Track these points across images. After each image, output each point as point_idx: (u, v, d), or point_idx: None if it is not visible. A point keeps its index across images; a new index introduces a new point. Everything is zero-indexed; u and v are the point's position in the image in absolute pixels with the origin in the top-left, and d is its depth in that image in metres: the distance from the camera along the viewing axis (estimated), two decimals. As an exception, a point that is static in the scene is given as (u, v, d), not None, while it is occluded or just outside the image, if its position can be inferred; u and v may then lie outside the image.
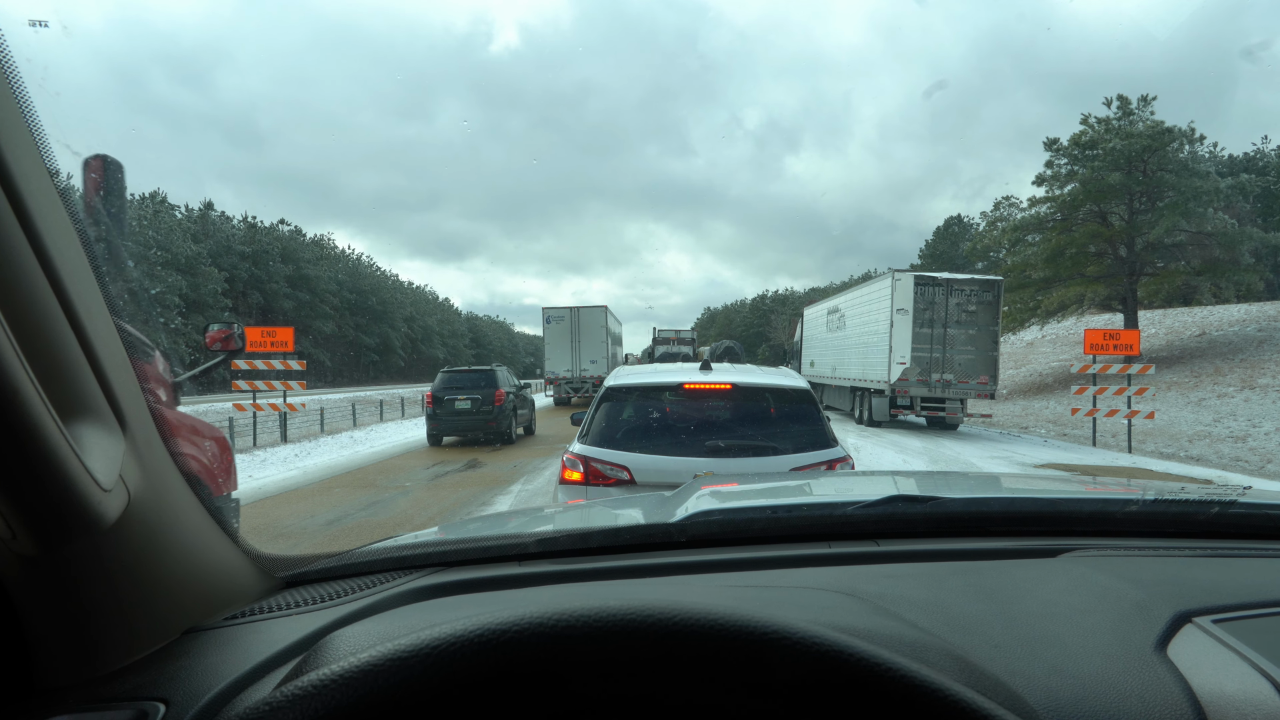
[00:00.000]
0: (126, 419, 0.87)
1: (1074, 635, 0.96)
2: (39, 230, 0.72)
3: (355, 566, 1.33)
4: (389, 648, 0.63)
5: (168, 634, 0.97)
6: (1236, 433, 18.80)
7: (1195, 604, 1.01)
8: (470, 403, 17.63)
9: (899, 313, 20.57)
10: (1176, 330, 35.89)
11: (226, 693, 0.88)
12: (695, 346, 40.54)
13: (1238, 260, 30.58)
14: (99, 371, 0.82)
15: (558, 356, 30.86)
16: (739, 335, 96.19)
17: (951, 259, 70.31)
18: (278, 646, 0.98)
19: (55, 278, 0.75)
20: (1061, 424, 23.05)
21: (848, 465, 4.88)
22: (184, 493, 1.02)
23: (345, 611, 1.11)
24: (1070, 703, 0.82)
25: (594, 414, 5.14)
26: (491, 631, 0.63)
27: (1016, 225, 34.97)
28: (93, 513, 0.78)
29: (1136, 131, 31.24)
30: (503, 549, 1.37)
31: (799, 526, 1.48)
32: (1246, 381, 23.32)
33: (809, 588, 1.14)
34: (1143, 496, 1.52)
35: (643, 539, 1.42)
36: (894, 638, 0.87)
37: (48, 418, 0.70)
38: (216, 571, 1.09)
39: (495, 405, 17.65)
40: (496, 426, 17.76)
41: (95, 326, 0.81)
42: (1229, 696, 0.82)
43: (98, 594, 0.87)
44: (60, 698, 0.85)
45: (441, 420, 17.94)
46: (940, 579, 1.18)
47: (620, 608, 0.65)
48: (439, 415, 17.92)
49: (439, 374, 18.76)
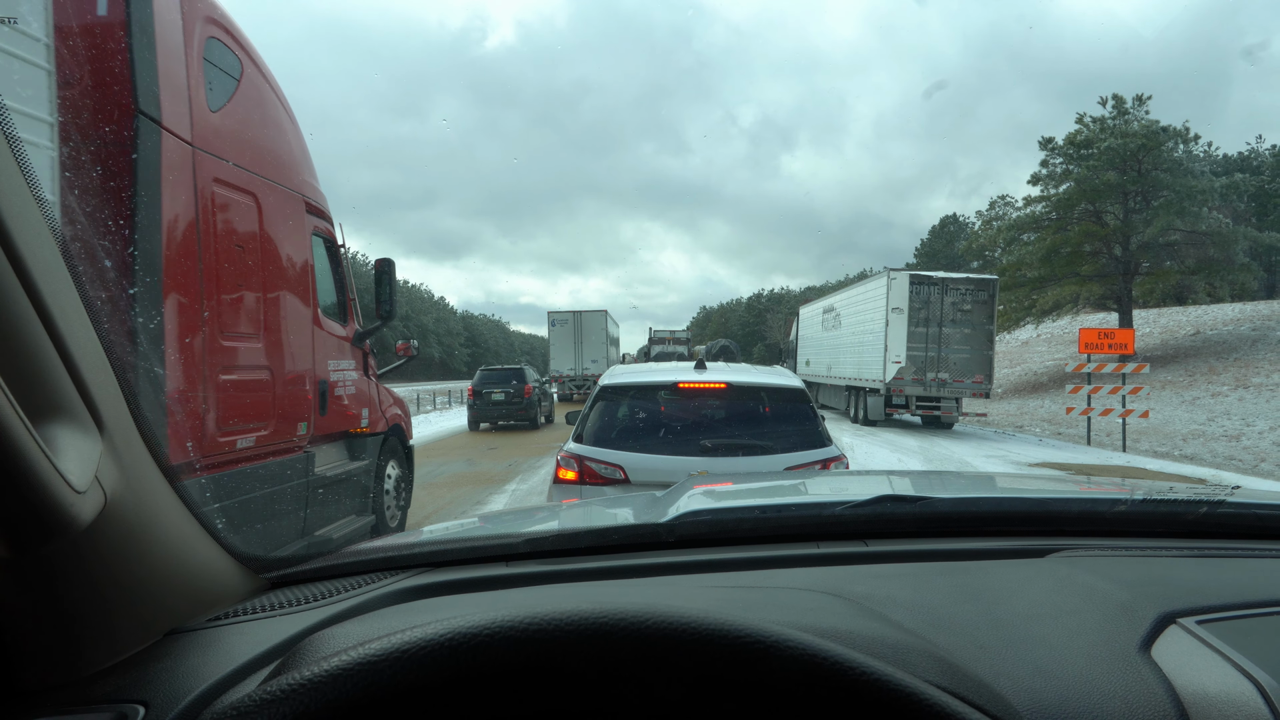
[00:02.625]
0: (104, 420, 0.87)
1: (1059, 636, 0.96)
2: (9, 230, 0.71)
3: (343, 567, 1.32)
4: (358, 652, 0.63)
5: (149, 636, 0.96)
6: (1230, 432, 18.86)
7: (1180, 604, 1.01)
8: (504, 395, 21.64)
9: (894, 312, 20.60)
10: (1171, 329, 35.99)
11: (207, 695, 0.87)
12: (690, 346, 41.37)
13: (1232, 259, 30.63)
14: (75, 373, 0.81)
15: (562, 356, 33.62)
16: (734, 334, 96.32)
17: (947, 258, 70.40)
18: (261, 648, 0.97)
19: (28, 279, 0.74)
20: (1057, 423, 23.11)
21: (842, 464, 4.89)
22: (166, 494, 1.01)
23: (330, 613, 1.11)
24: (1054, 704, 0.82)
25: (589, 413, 5.13)
26: (462, 635, 0.63)
27: (1012, 224, 35.03)
28: (66, 515, 0.77)
29: (1131, 131, 31.28)
30: (491, 549, 1.37)
31: (788, 526, 1.48)
32: (1240, 380, 23.39)
33: (795, 588, 1.14)
34: (1131, 496, 1.52)
35: (631, 539, 1.41)
36: (877, 639, 0.87)
37: (15, 419, 0.69)
38: (200, 573, 1.08)
39: (525, 397, 21.66)
40: (526, 414, 21.82)
41: (71, 328, 0.81)
42: (1211, 697, 0.82)
43: (77, 596, 0.87)
44: (41, 700, 0.84)
45: (480, 409, 21.93)
46: (927, 579, 1.18)
47: (593, 611, 0.65)
48: (478, 405, 21.91)
49: (478, 371, 22.90)
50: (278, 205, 5.30)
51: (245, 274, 4.87)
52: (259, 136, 5.17)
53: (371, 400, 7.03)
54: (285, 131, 5.67)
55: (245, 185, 4.89)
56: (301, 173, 5.85)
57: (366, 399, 6.91)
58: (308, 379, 5.76)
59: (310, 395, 5.77)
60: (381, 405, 7.28)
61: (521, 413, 21.77)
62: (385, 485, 7.27)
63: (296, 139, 5.89)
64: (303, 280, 5.68)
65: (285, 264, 5.43)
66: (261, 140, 5.19)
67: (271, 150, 5.32)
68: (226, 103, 4.80)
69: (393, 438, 7.56)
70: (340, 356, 6.38)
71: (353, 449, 6.70)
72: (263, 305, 5.07)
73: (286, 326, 5.39)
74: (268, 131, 5.34)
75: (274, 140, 5.40)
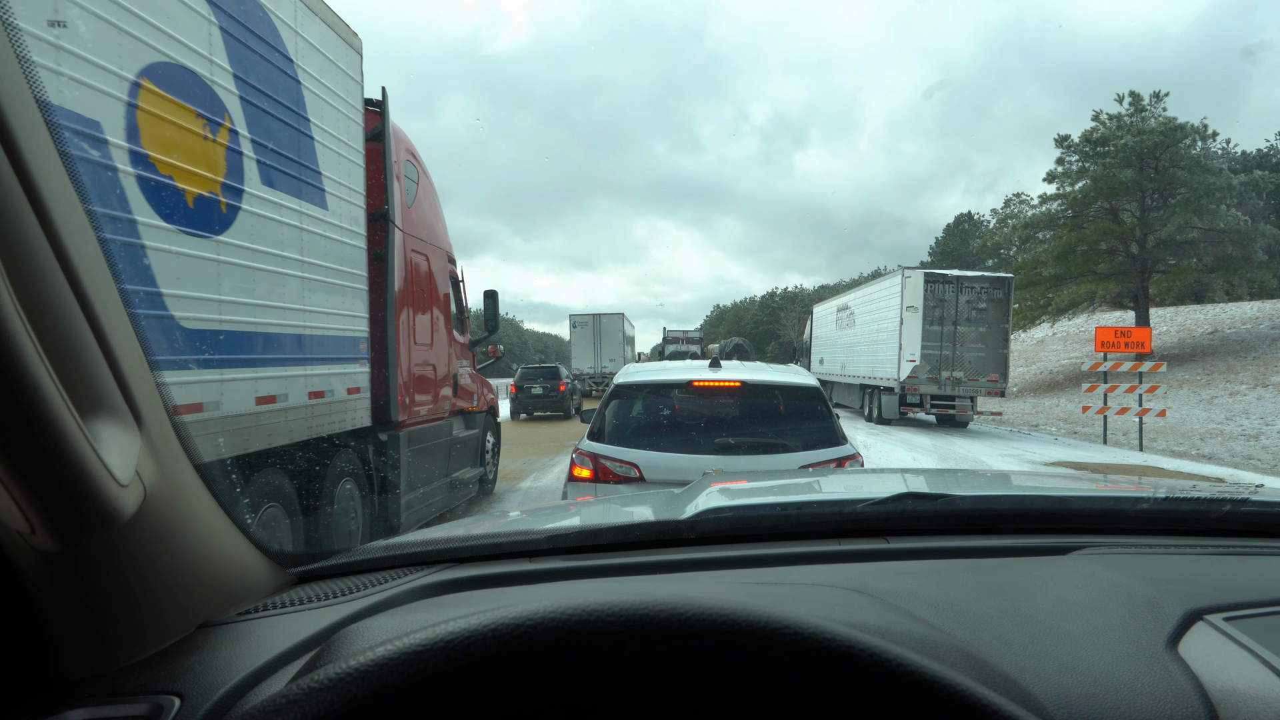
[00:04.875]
0: (142, 415, 0.88)
1: (1085, 632, 0.96)
2: (57, 229, 0.73)
3: (368, 562, 1.34)
4: (404, 642, 0.64)
5: (182, 628, 0.98)
6: (1249, 431, 18.67)
7: (1207, 602, 1.01)
8: (542, 389, 25.57)
9: (909, 310, 20.50)
10: (1188, 328, 35.62)
11: (240, 687, 0.88)
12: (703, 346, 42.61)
13: (1250, 257, 30.28)
14: (115, 368, 0.83)
15: (582, 355, 36.72)
16: (748, 332, 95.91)
17: (962, 256, 69.87)
18: (291, 641, 0.99)
19: (74, 277, 0.75)
20: (1072, 422, 22.93)
21: (857, 463, 4.87)
22: (198, 488, 1.02)
23: (358, 607, 1.12)
24: (1081, 700, 0.82)
25: (603, 411, 5.14)
26: (506, 625, 0.64)
27: (1027, 222, 34.73)
28: (110, 508, 0.79)
29: (1149, 128, 30.95)
30: (514, 545, 1.38)
31: (809, 524, 1.48)
32: (1259, 379, 23.14)
33: (819, 585, 1.14)
34: (1154, 494, 1.51)
35: (653, 535, 1.42)
36: (904, 634, 0.87)
37: (67, 414, 0.71)
38: (230, 567, 1.09)
39: (560, 391, 25.56)
40: (560, 405, 25.60)
41: (112, 324, 0.82)
42: (1240, 693, 0.82)
43: (114, 589, 0.88)
44: (76, 691, 0.86)
45: (522, 401, 25.85)
46: (950, 576, 1.18)
47: (633, 602, 0.66)
48: (520, 398, 25.83)
49: (519, 369, 27.16)
50: (436, 259, 8.30)
51: (424, 303, 7.79)
52: (427, 217, 8.18)
53: (478, 388, 10.01)
54: (437, 209, 8.72)
55: (423, 250, 7.81)
56: (444, 235, 8.87)
57: (476, 387, 9.89)
58: (448, 372, 8.59)
59: (449, 383, 8.62)
60: (483, 392, 10.23)
61: (557, 404, 25.65)
62: (486, 447, 10.24)
63: (440, 211, 8.85)
64: (447, 306, 8.68)
65: (440, 296, 8.39)
66: (428, 219, 8.19)
67: (431, 224, 8.32)
68: (413, 201, 7.68)
69: (489, 415, 10.49)
70: (462, 357, 9.33)
71: (469, 421, 9.48)
72: (430, 323, 7.97)
73: (440, 337, 8.28)
74: (430, 213, 8.34)
75: (432, 217, 8.42)
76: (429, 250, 7.98)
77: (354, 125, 6.36)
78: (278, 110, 5.11)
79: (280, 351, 5.15)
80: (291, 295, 5.29)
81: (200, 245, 4.24)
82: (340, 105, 6.11)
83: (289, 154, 5.27)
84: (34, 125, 0.72)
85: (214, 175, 4.37)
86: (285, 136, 5.20)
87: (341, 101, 6.14)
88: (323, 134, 5.77)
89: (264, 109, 4.92)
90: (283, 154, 5.17)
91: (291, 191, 5.28)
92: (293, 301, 5.30)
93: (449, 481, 8.47)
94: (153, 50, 3.90)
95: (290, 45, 5.31)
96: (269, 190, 4.96)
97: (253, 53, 4.81)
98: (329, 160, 5.88)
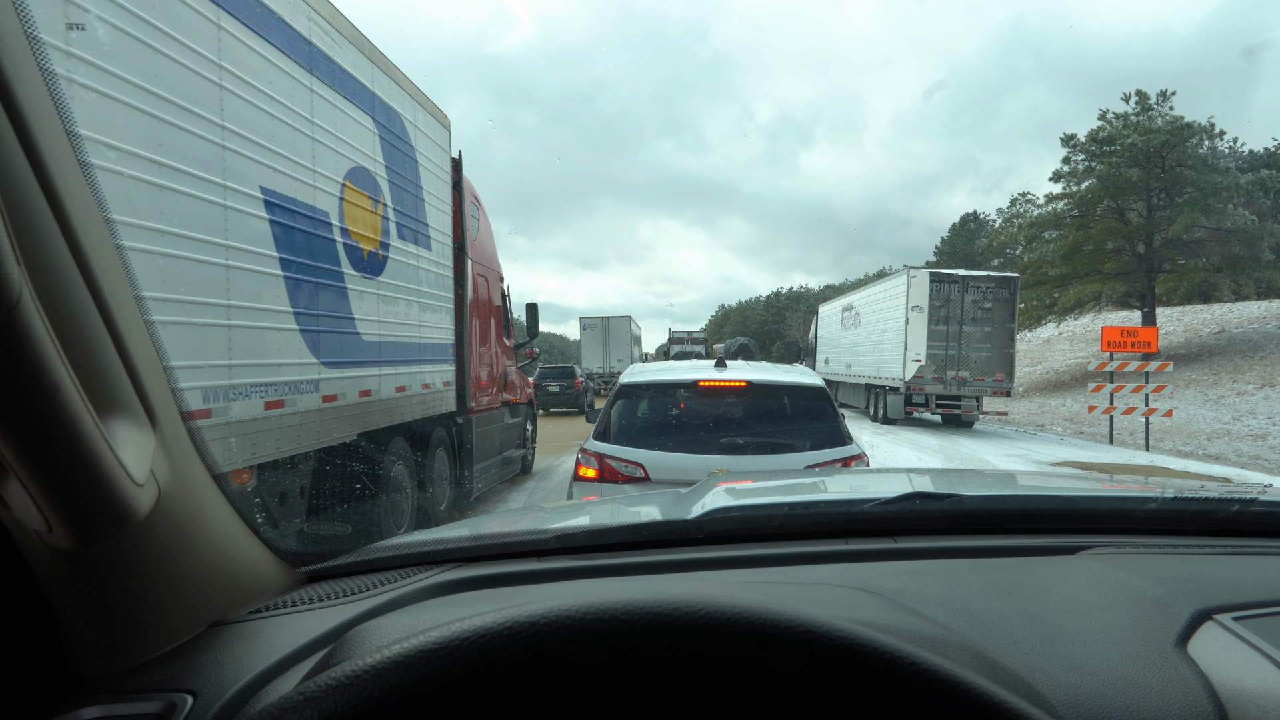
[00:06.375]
0: (156, 414, 0.89)
1: (1093, 632, 0.96)
2: (78, 238, 0.74)
3: (378, 561, 1.34)
4: (419, 640, 0.64)
5: (194, 627, 0.98)
6: (1256, 431, 18.60)
7: (1216, 601, 1.01)
8: (559, 387, 27.66)
9: (914, 310, 20.45)
10: (1195, 327, 35.47)
11: (253, 685, 0.89)
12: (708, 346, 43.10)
13: (1258, 257, 30.12)
14: (131, 368, 0.83)
15: (591, 356, 38.46)
16: (753, 332, 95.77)
17: (967, 256, 69.63)
18: (303, 640, 0.99)
19: (91, 278, 0.76)
20: (1078, 422, 22.87)
21: (863, 463, 4.86)
22: (210, 488, 1.03)
23: (369, 606, 1.13)
24: (1090, 699, 0.82)
25: (609, 411, 5.14)
26: (521, 624, 0.64)
27: (1033, 222, 34.61)
28: (126, 507, 0.80)
29: (1155, 127, 30.84)
30: (523, 545, 1.39)
31: (816, 523, 1.49)
32: (1266, 379, 23.04)
33: (827, 584, 1.15)
34: (1162, 494, 1.51)
35: (661, 535, 1.42)
36: (913, 633, 0.88)
37: (85, 413, 0.72)
38: (241, 565, 1.10)
39: (575, 389, 27.85)
40: (576, 402, 27.66)
41: (128, 325, 0.83)
42: (1250, 693, 0.82)
43: (127, 587, 0.89)
44: (90, 689, 0.86)
45: (540, 398, 26.19)
46: (958, 576, 1.18)
47: (647, 601, 0.66)
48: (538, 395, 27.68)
49: (538, 368, 27.87)
50: (492, 278, 10.37)
51: (485, 314, 9.84)
52: (485, 244, 10.23)
53: (521, 383, 11.99)
54: (491, 236, 10.77)
55: (483, 272, 9.81)
56: (496, 257, 10.86)
57: (519, 382, 11.85)
58: (501, 370, 10.57)
59: (501, 379, 10.56)
60: (524, 387, 12.25)
61: (572, 401, 27.81)
62: (527, 433, 12.27)
63: (493, 237, 10.90)
64: (499, 315, 10.69)
65: (495, 308, 10.42)
66: (486, 246, 10.26)
67: (487, 250, 10.35)
68: (476, 234, 9.61)
69: (529, 406, 12.62)
70: (509, 358, 11.26)
71: (514, 412, 11.37)
72: (489, 330, 10.05)
73: (495, 342, 10.36)
74: (487, 240, 10.41)
75: (488, 244, 10.49)
76: (488, 271, 10.12)
77: (445, 185, 8.62)
78: (406, 185, 7.30)
79: (408, 355, 7.29)
80: (414, 315, 7.50)
81: (370, 284, 6.39)
82: (438, 172, 8.35)
83: (412, 214, 7.44)
84: (56, 137, 0.73)
85: (376, 236, 6.54)
86: (410, 202, 7.42)
87: (438, 169, 8.38)
88: (429, 195, 8.01)
89: (400, 185, 7.13)
90: (408, 214, 7.34)
91: (413, 241, 7.47)
92: (415, 319, 7.50)
93: (501, 459, 10.55)
94: (348, 160, 6.04)
95: (412, 136, 7.53)
96: (402, 242, 7.17)
97: (394, 149, 7.02)
98: (432, 214, 8.09)
